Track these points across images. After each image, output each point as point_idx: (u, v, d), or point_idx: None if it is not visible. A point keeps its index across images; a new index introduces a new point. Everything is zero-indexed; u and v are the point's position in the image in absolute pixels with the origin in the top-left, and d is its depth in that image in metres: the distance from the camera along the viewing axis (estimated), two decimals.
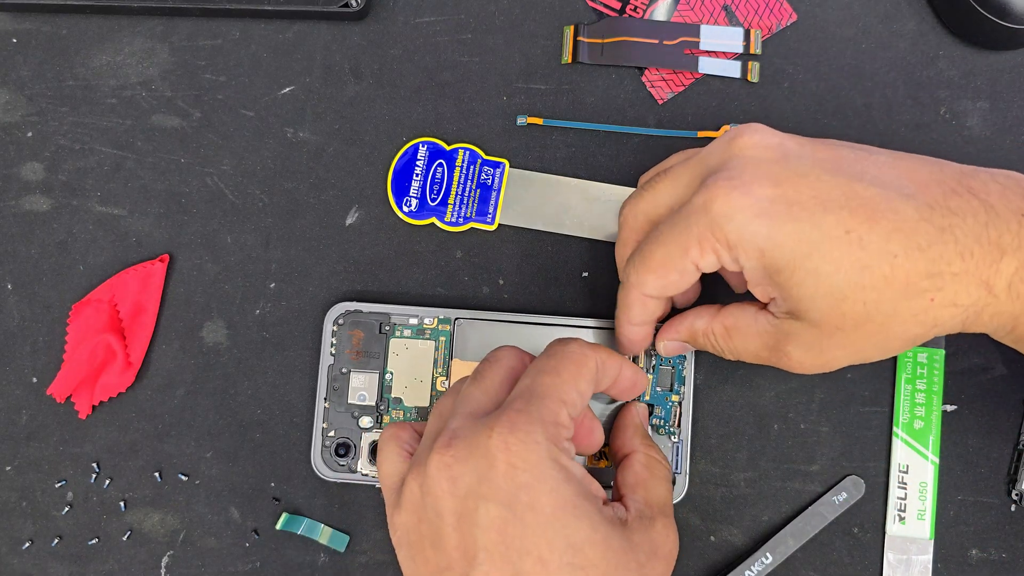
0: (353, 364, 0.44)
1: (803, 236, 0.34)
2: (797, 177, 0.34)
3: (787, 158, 0.35)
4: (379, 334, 0.45)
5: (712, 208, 0.34)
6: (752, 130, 0.36)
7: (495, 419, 0.34)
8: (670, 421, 0.44)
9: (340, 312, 0.45)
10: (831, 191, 0.34)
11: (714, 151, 0.37)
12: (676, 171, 0.38)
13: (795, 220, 0.34)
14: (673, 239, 0.36)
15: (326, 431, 0.44)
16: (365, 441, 0.44)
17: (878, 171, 0.34)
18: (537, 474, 0.33)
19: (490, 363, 0.38)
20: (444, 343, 0.45)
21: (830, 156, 0.35)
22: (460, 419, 0.36)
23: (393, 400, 0.44)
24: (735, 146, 0.36)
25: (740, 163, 0.35)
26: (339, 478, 0.44)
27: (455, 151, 0.47)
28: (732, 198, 0.34)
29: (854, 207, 0.33)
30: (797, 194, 0.34)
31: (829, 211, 0.33)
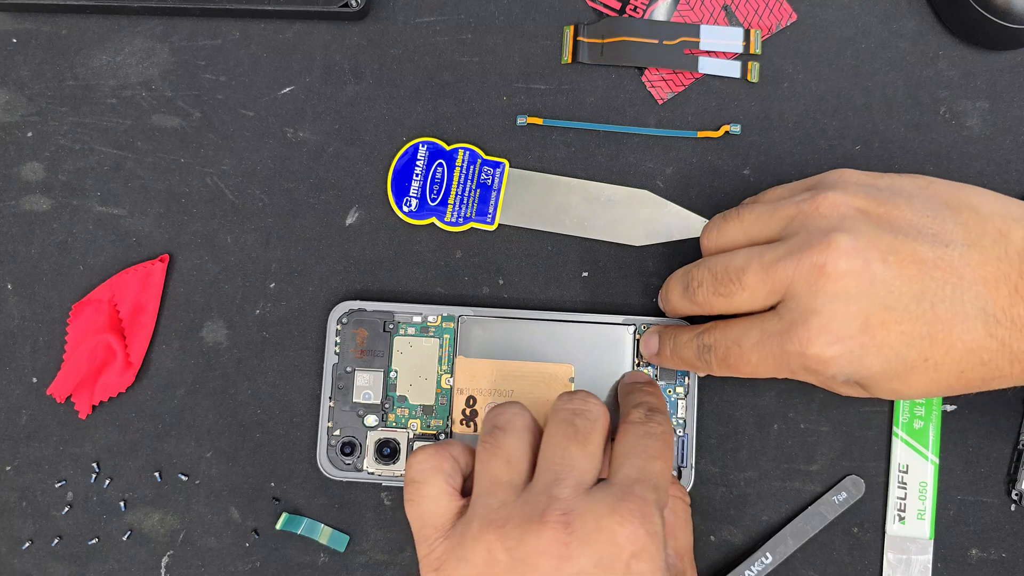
0: (357, 363, 0.44)
1: (886, 370, 0.36)
2: (885, 312, 0.35)
3: (874, 288, 0.35)
4: (383, 332, 0.45)
5: (807, 359, 0.36)
6: (835, 258, 0.35)
7: (621, 504, 0.33)
8: (676, 414, 0.44)
9: (344, 311, 0.45)
10: (916, 324, 0.35)
11: (796, 277, 0.36)
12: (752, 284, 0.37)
13: (881, 360, 0.35)
14: (765, 367, 0.37)
15: (331, 430, 0.44)
16: (371, 440, 0.44)
17: (957, 279, 0.35)
18: (653, 567, 0.33)
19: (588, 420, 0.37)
20: (448, 340, 0.45)
21: (914, 275, 0.35)
22: (570, 489, 0.34)
23: (398, 398, 0.44)
24: (824, 279, 0.35)
25: (829, 303, 0.35)
26: (345, 477, 0.44)
27: (455, 151, 0.47)
28: (825, 351, 0.35)
29: (935, 337, 0.35)
30: (885, 335, 0.35)
31: (912, 345, 0.35)
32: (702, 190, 0.47)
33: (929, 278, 0.35)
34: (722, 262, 0.38)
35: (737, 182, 0.47)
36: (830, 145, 0.47)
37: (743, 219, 0.40)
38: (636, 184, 0.47)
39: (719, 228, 0.40)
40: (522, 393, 0.44)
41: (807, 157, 0.47)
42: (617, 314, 0.45)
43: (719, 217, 0.41)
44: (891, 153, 0.47)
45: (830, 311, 0.35)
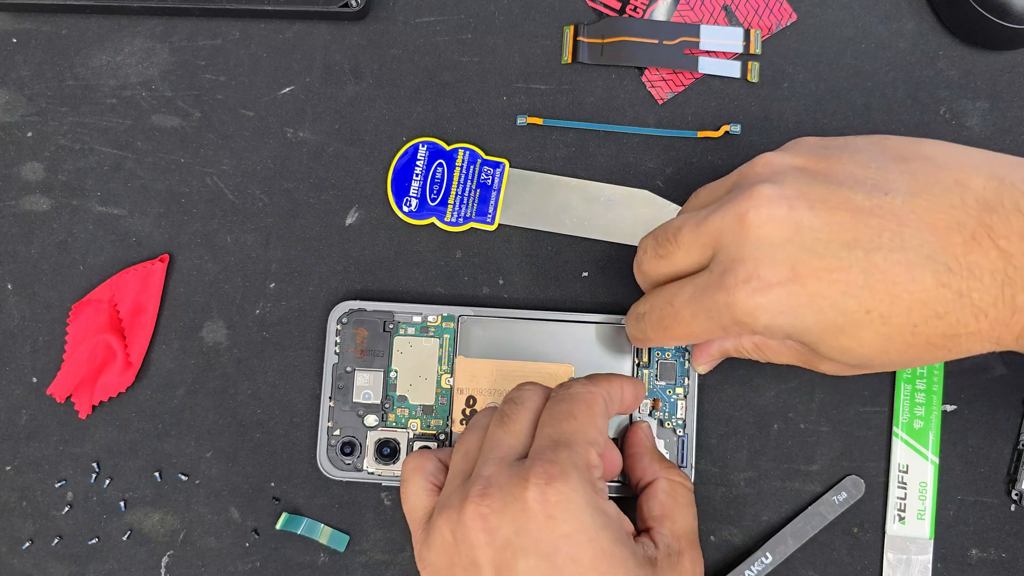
0: (357, 363, 0.44)
1: (827, 322, 0.34)
2: (814, 259, 0.33)
3: (800, 233, 0.34)
4: (383, 332, 0.45)
5: (735, 308, 0.34)
6: (758, 204, 0.34)
7: (528, 470, 0.35)
8: (675, 414, 0.44)
9: (344, 311, 0.45)
10: (850, 271, 0.33)
11: (724, 228, 0.35)
12: (686, 240, 0.36)
13: (818, 311, 0.34)
14: (698, 323, 0.36)
15: (331, 430, 0.44)
16: (371, 440, 0.44)
17: (897, 225, 0.33)
18: (576, 524, 0.34)
19: (515, 404, 0.38)
20: (448, 340, 0.45)
21: (846, 221, 0.33)
22: (492, 465, 0.36)
23: (398, 398, 0.44)
24: (744, 230, 0.34)
25: (753, 253, 0.34)
26: (345, 477, 0.44)
27: (455, 151, 0.47)
28: (753, 299, 0.34)
29: (874, 285, 0.33)
30: (816, 283, 0.33)
31: (849, 295, 0.33)
32: None
33: (863, 225, 0.33)
34: (663, 225, 0.38)
35: None
36: None
37: (700, 196, 0.39)
38: (636, 184, 0.47)
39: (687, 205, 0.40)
40: None
41: None
42: (617, 314, 0.45)
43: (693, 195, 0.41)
44: None
45: (755, 258, 0.34)
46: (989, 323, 0.33)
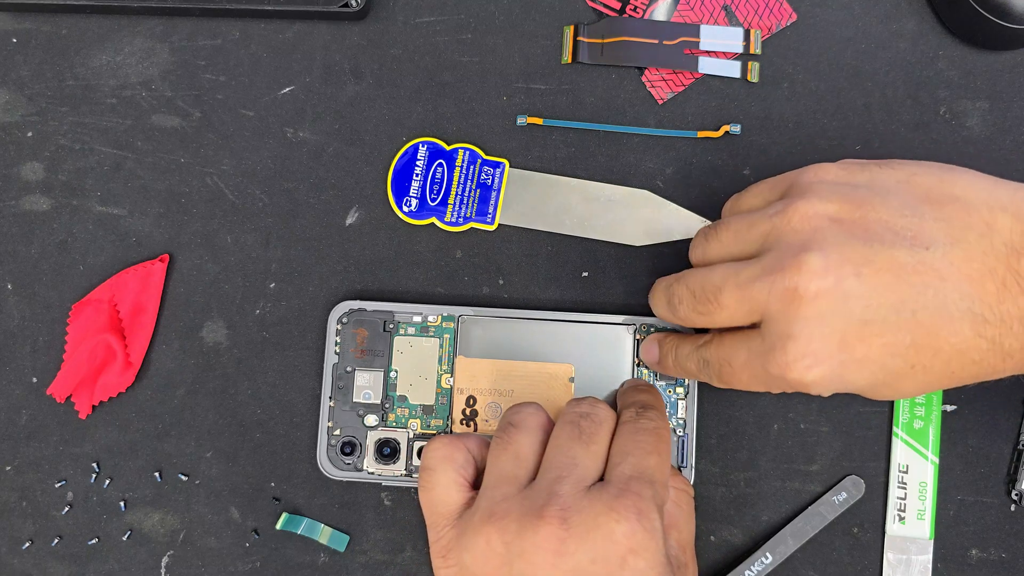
0: (358, 362, 0.44)
1: (874, 380, 0.35)
2: (862, 326, 0.34)
3: (848, 303, 0.34)
4: (383, 332, 0.45)
5: (788, 377, 0.35)
6: (806, 278, 0.34)
7: (618, 501, 0.34)
8: (676, 414, 0.44)
9: (344, 310, 0.45)
10: (897, 335, 0.34)
11: (771, 298, 0.35)
12: (728, 304, 0.37)
13: (868, 373, 0.35)
14: (754, 384, 0.37)
15: (331, 430, 0.44)
16: (371, 439, 0.44)
17: (940, 281, 0.34)
18: (652, 563, 0.34)
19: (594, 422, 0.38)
20: (448, 340, 0.45)
21: (891, 283, 0.34)
22: (570, 486, 0.35)
23: (398, 398, 0.44)
24: (796, 303, 0.34)
25: (804, 327, 0.34)
26: (345, 477, 0.44)
27: (455, 151, 0.47)
28: (805, 375, 0.35)
29: (919, 343, 0.34)
30: (866, 348, 0.34)
31: (898, 355, 0.34)
32: (702, 190, 0.47)
33: (908, 284, 0.34)
34: (699, 279, 0.38)
35: (737, 182, 0.47)
36: (830, 145, 0.47)
37: (722, 238, 0.39)
38: (636, 184, 0.47)
39: (703, 247, 0.40)
40: (522, 393, 0.44)
41: (807, 157, 0.47)
42: (617, 314, 0.45)
43: (702, 233, 0.40)
44: (891, 153, 0.47)
45: (806, 335, 0.34)
46: (1013, 364, 0.35)
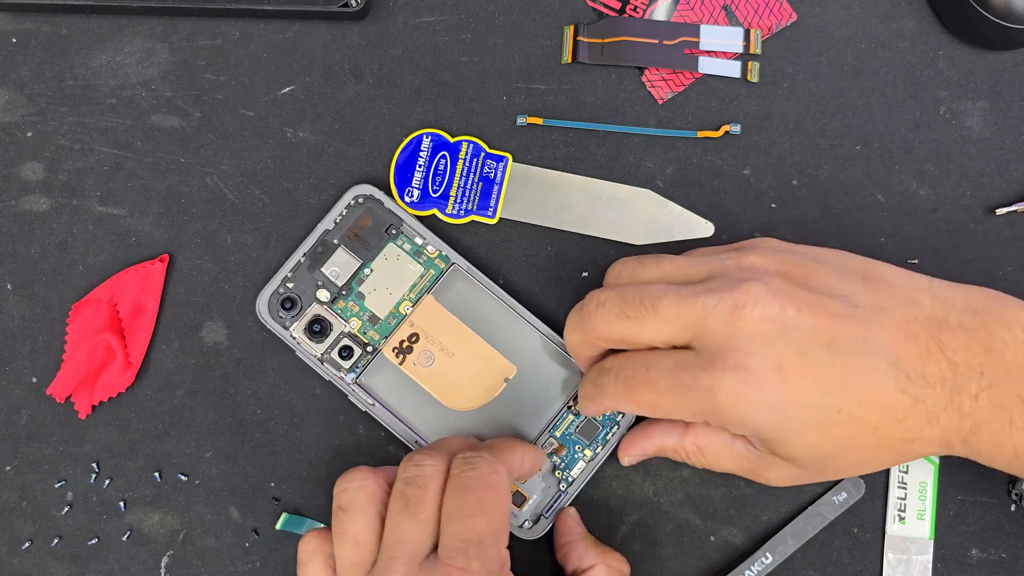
0: (346, 241, 0.45)
1: (803, 420, 0.36)
2: (799, 358, 0.35)
3: (788, 332, 0.35)
4: (383, 232, 0.45)
5: (717, 396, 0.35)
6: (754, 300, 0.35)
7: None
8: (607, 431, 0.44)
9: (364, 193, 0.45)
10: (830, 374, 0.35)
11: (715, 313, 0.35)
12: (667, 314, 0.36)
13: (797, 408, 0.35)
14: (670, 401, 0.37)
15: (286, 280, 0.44)
16: (312, 310, 0.44)
17: (866, 333, 0.36)
18: None
19: (418, 487, 0.36)
20: (431, 276, 0.45)
21: (825, 326, 0.35)
22: (402, 566, 0.35)
23: (357, 293, 0.44)
24: (739, 323, 0.35)
25: (744, 345, 0.35)
26: (273, 327, 0.44)
27: (459, 143, 0.47)
28: (739, 391, 0.35)
29: (849, 388, 0.35)
30: (801, 381, 0.35)
31: (828, 395, 0.35)
32: (702, 190, 0.47)
33: (840, 330, 0.35)
34: (634, 287, 0.38)
35: (737, 182, 0.47)
36: (830, 145, 0.47)
37: (663, 266, 0.39)
38: (636, 184, 0.47)
39: (632, 268, 0.40)
40: (458, 363, 0.44)
41: (807, 157, 0.47)
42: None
43: (631, 259, 0.40)
44: (891, 153, 0.47)
45: (746, 350, 0.35)
46: (941, 429, 0.36)
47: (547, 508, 0.43)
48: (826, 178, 0.47)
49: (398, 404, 0.44)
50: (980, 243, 0.46)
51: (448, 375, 0.44)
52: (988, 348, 0.36)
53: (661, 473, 0.45)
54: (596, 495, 0.45)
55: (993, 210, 0.46)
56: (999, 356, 0.35)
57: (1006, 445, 0.36)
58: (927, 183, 0.47)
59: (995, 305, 0.37)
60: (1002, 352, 0.35)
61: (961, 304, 0.37)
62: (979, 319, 0.36)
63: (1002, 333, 0.36)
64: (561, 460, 0.44)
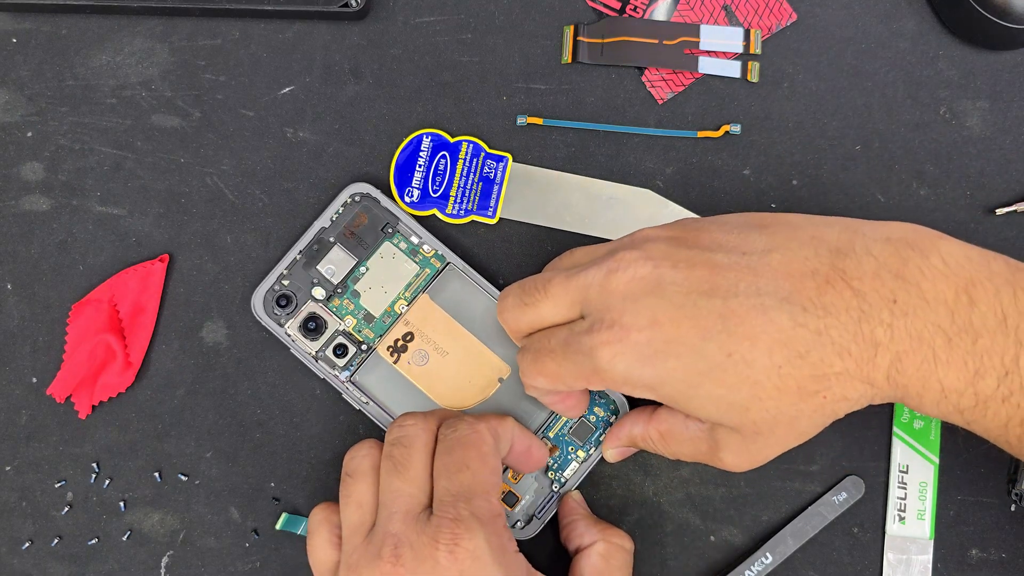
0: (341, 239, 0.45)
1: (689, 369, 0.35)
2: (674, 309, 0.35)
3: (661, 287, 0.36)
4: (379, 230, 0.45)
5: (597, 356, 0.36)
6: (626, 264, 0.36)
7: (437, 529, 0.36)
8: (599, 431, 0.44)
9: (361, 191, 0.45)
10: (708, 318, 0.35)
11: (592, 283, 0.37)
12: (555, 292, 0.38)
13: (677, 356, 0.35)
14: (565, 366, 0.38)
15: (281, 278, 0.44)
16: (307, 308, 0.44)
17: (753, 276, 0.35)
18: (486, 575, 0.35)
19: (404, 446, 0.38)
20: (426, 276, 0.45)
21: (704, 276, 0.35)
22: (398, 521, 0.36)
23: (352, 291, 0.44)
24: (611, 286, 0.36)
25: (618, 304, 0.36)
26: (268, 324, 0.44)
27: (459, 143, 0.47)
28: (614, 348, 0.36)
29: (732, 328, 0.35)
30: (676, 329, 0.35)
31: (709, 339, 0.35)
32: (702, 190, 0.47)
33: (720, 277, 0.35)
34: (532, 277, 0.40)
35: (737, 182, 0.47)
36: (830, 145, 0.47)
37: (574, 255, 0.42)
38: (636, 184, 0.47)
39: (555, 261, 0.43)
40: (453, 363, 0.44)
41: (807, 157, 0.47)
42: None
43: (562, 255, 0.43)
44: (891, 153, 0.47)
45: (619, 309, 0.36)
46: (854, 361, 0.34)
47: (540, 509, 0.44)
48: (826, 178, 0.47)
49: (392, 403, 0.44)
50: (980, 243, 0.46)
51: (442, 374, 0.44)
52: (900, 275, 0.34)
53: (661, 473, 0.45)
54: (596, 495, 0.45)
55: (993, 210, 0.46)
56: (914, 285, 0.34)
57: (931, 381, 0.34)
58: (927, 183, 0.47)
59: (912, 235, 0.36)
60: (918, 280, 0.34)
61: (873, 233, 0.36)
62: (891, 247, 0.35)
63: (917, 261, 0.34)
64: (555, 461, 0.44)
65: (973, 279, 0.34)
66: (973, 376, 0.34)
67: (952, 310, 0.34)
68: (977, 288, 0.34)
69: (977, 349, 0.34)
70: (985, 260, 0.35)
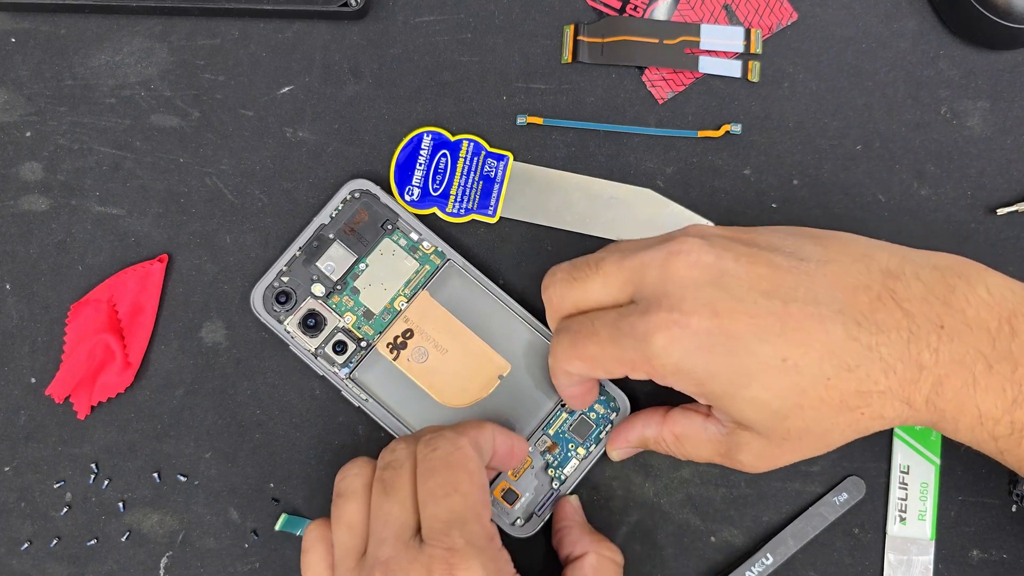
0: (341, 236, 0.44)
1: (741, 368, 0.35)
2: (734, 302, 0.35)
3: (724, 278, 0.35)
4: (379, 227, 0.45)
5: (651, 341, 0.35)
6: (688, 248, 0.36)
7: (430, 559, 0.34)
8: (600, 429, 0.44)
9: (361, 188, 0.45)
10: (767, 318, 0.34)
11: (650, 263, 0.36)
12: (608, 270, 0.37)
13: (732, 353, 0.35)
14: (609, 350, 0.37)
15: (281, 275, 0.44)
16: (306, 304, 0.44)
17: (811, 283, 0.35)
18: None
19: (393, 469, 0.37)
20: (426, 272, 0.45)
21: (765, 274, 0.35)
22: (390, 547, 0.35)
23: (352, 288, 0.44)
24: (672, 269, 0.36)
25: (678, 290, 0.35)
26: (267, 321, 0.44)
27: (459, 142, 0.47)
28: (672, 334, 0.35)
29: (789, 333, 0.34)
30: (734, 324, 0.35)
31: (766, 340, 0.34)
32: (703, 190, 0.47)
33: (780, 278, 0.35)
34: (583, 257, 0.39)
35: (738, 182, 0.47)
36: (831, 145, 0.47)
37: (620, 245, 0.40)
38: (637, 184, 0.47)
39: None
40: (452, 360, 0.44)
41: (808, 157, 0.47)
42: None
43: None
44: (892, 153, 0.47)
45: (679, 295, 0.35)
46: (898, 380, 0.34)
47: (539, 506, 0.43)
48: (827, 178, 0.47)
49: (391, 400, 0.44)
50: (981, 243, 0.46)
51: (442, 371, 0.44)
52: (947, 302, 0.34)
53: (662, 474, 0.45)
54: (596, 496, 0.45)
55: (994, 210, 0.46)
56: (959, 311, 0.34)
57: (969, 406, 0.34)
58: (928, 183, 0.47)
59: (959, 265, 0.36)
60: (963, 308, 0.34)
61: (921, 260, 0.36)
62: (939, 274, 0.35)
63: (964, 289, 0.35)
64: (554, 458, 0.44)
65: (1016, 310, 0.35)
66: (1011, 404, 0.34)
67: (994, 338, 0.34)
68: (1019, 319, 0.34)
69: (1016, 377, 0.34)
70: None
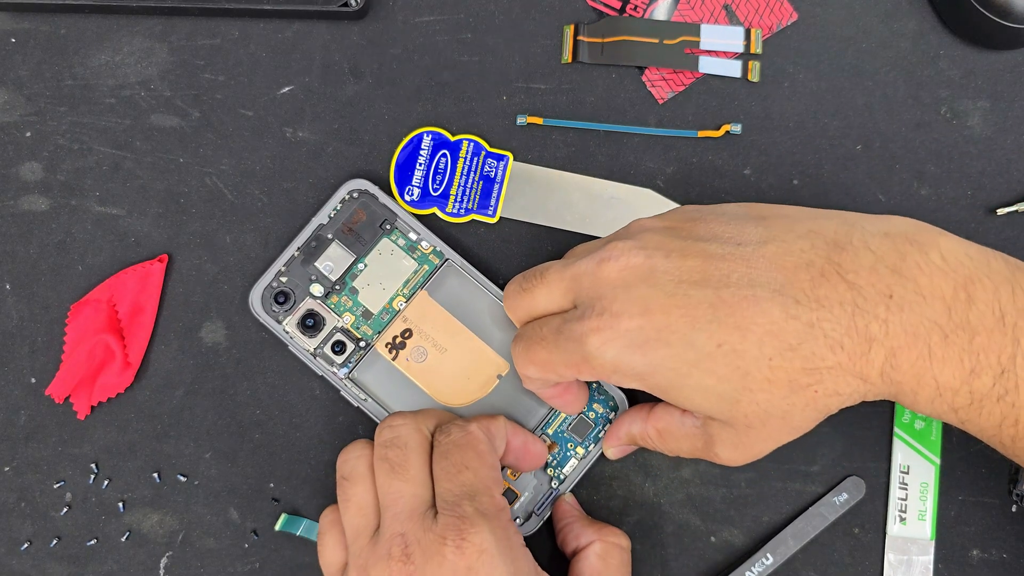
0: (340, 236, 0.44)
1: (680, 358, 0.35)
2: (665, 297, 0.35)
3: (654, 276, 0.36)
4: (377, 227, 0.45)
5: (586, 343, 0.36)
6: (618, 253, 0.37)
7: (444, 527, 0.36)
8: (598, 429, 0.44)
9: (359, 188, 0.45)
10: (699, 307, 0.35)
11: (585, 272, 0.37)
12: (551, 279, 0.39)
13: (667, 345, 0.35)
14: (555, 354, 0.38)
15: (280, 275, 0.44)
16: (305, 304, 0.44)
17: (746, 267, 0.35)
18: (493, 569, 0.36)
19: (398, 448, 0.38)
20: (425, 272, 0.45)
21: (697, 266, 0.35)
22: (405, 521, 0.37)
23: (351, 288, 0.44)
24: (603, 274, 0.37)
25: (609, 293, 0.36)
26: (265, 321, 0.44)
27: (459, 142, 0.47)
28: (604, 335, 0.36)
29: (723, 318, 0.34)
30: (666, 318, 0.35)
31: (700, 329, 0.34)
32: (703, 190, 0.47)
33: (713, 267, 0.35)
34: (532, 269, 0.40)
35: (738, 182, 0.47)
36: (831, 145, 0.47)
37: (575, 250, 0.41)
38: (637, 184, 0.47)
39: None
40: (451, 359, 0.44)
41: (808, 157, 0.47)
42: None
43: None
44: (892, 153, 0.47)
45: (611, 296, 0.36)
46: (847, 355, 0.34)
47: (539, 505, 0.43)
48: (827, 178, 0.47)
49: (390, 399, 0.44)
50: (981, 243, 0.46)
51: (441, 371, 0.44)
52: (897, 270, 0.34)
53: (662, 474, 0.45)
54: (597, 496, 0.45)
55: (994, 210, 0.46)
56: (911, 280, 0.34)
57: (926, 378, 0.34)
58: (928, 183, 0.47)
59: (912, 230, 0.35)
60: (915, 276, 0.34)
61: (873, 228, 0.35)
62: (890, 241, 0.35)
63: (916, 256, 0.34)
64: (553, 458, 0.44)
65: (972, 276, 0.34)
66: (969, 374, 0.34)
67: (949, 307, 0.34)
68: (976, 285, 0.34)
69: (974, 347, 0.33)
70: (985, 258, 0.35)
